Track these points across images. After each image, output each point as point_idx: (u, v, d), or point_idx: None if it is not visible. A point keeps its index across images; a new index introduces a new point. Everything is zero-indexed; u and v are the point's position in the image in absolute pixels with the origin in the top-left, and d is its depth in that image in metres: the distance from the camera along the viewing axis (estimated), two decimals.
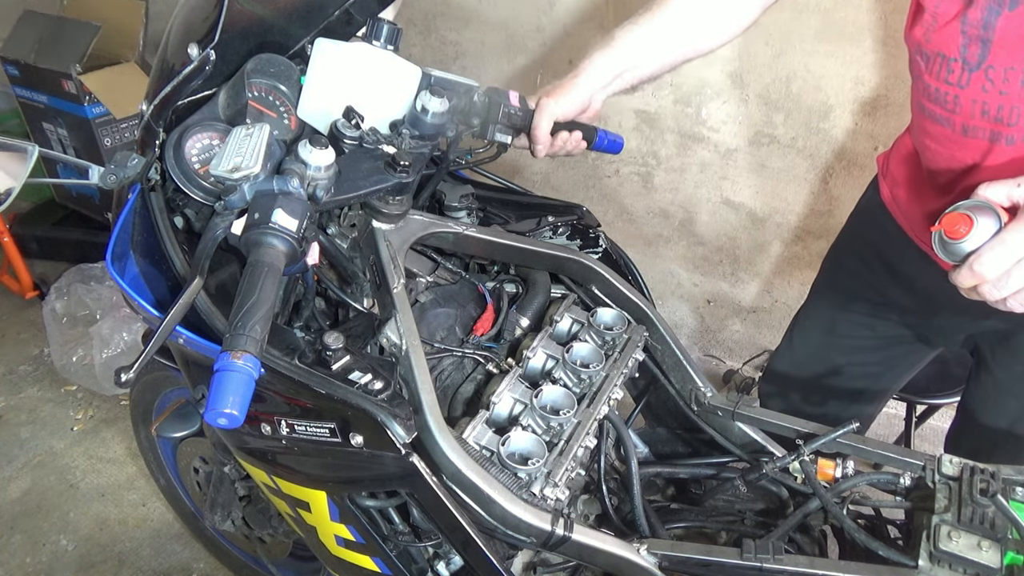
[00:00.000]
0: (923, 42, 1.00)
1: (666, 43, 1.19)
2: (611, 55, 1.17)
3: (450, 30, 2.52)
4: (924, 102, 1.03)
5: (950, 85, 0.97)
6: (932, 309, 1.22)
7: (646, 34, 1.17)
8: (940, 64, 0.98)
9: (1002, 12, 0.89)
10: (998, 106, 0.94)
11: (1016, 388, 1.21)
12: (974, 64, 0.94)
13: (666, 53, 1.20)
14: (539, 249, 1.13)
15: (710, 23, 1.20)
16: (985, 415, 1.26)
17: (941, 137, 1.04)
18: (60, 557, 1.93)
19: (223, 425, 0.68)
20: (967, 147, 1.00)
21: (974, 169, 1.02)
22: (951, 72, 0.97)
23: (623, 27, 1.18)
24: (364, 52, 1.02)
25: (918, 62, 1.03)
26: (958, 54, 0.95)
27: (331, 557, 1.07)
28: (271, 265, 0.77)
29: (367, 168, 0.96)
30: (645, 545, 0.90)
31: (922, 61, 1.01)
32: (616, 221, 2.52)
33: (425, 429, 0.85)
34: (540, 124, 1.14)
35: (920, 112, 1.06)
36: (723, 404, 1.13)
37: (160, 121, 0.96)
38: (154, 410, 1.59)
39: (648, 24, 1.17)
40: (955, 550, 0.84)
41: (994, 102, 0.94)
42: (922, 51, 1.00)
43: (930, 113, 1.03)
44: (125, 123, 2.72)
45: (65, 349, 2.33)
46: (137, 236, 1.00)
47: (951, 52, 0.95)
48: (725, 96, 2.12)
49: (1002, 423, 1.24)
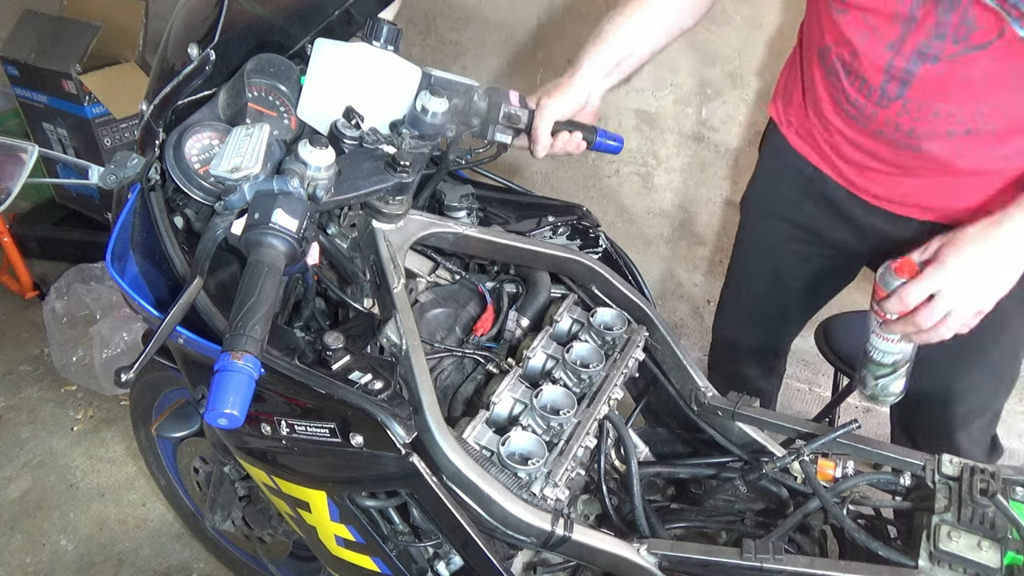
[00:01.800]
0: (848, 59, 1.11)
1: (656, 27, 1.22)
2: (605, 48, 1.19)
3: (450, 30, 2.52)
4: (839, 96, 1.16)
5: (868, 101, 1.11)
6: (863, 236, 1.32)
7: (635, 21, 1.20)
8: (861, 84, 1.11)
9: (923, 64, 1.02)
10: (910, 128, 1.09)
11: None
12: (892, 96, 1.08)
13: (657, 36, 1.23)
14: (539, 249, 1.13)
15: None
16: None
17: (850, 123, 1.18)
18: (60, 557, 1.93)
19: (223, 425, 0.68)
20: (876, 140, 1.16)
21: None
22: (871, 93, 1.10)
23: (611, 20, 1.21)
24: (364, 52, 1.02)
25: (837, 65, 1.13)
26: (879, 85, 1.08)
27: (331, 557, 1.07)
28: (271, 265, 0.77)
29: (367, 168, 0.96)
30: (645, 545, 0.90)
31: (842, 69, 1.13)
32: (616, 221, 2.52)
33: (425, 429, 0.85)
34: (540, 125, 1.15)
35: (830, 97, 1.19)
36: (723, 404, 1.13)
37: (160, 121, 0.96)
38: (154, 410, 1.59)
39: (636, 11, 1.20)
40: (955, 550, 0.84)
41: (906, 124, 1.09)
42: (844, 62, 1.12)
43: (844, 108, 1.16)
44: (125, 123, 2.72)
45: (65, 349, 2.33)
46: (137, 236, 1.00)
47: (873, 81, 1.08)
48: (725, 96, 2.11)
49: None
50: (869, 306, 1.08)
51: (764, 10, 1.92)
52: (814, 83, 1.22)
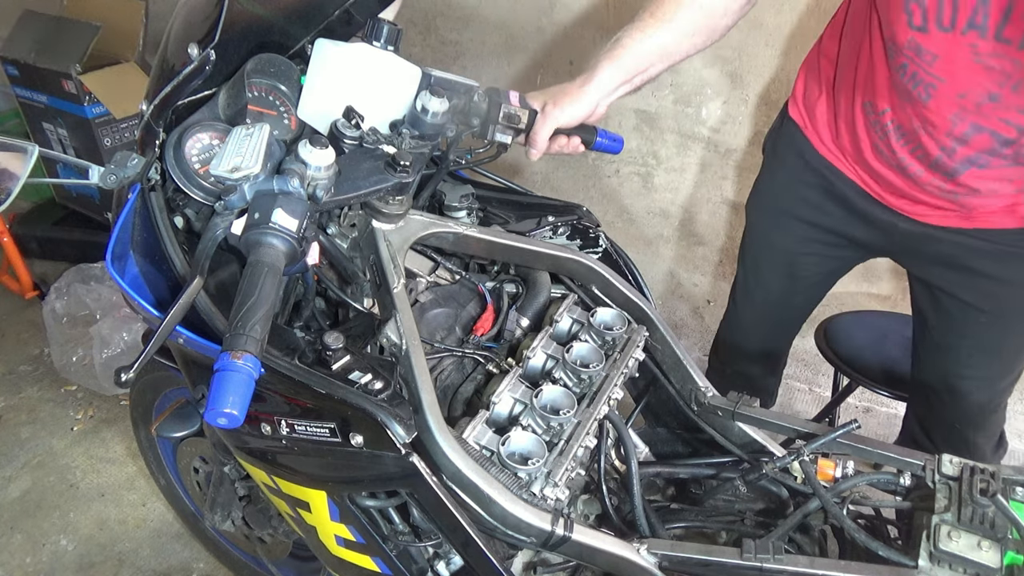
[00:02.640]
0: (907, 126, 1.13)
1: (673, 44, 1.19)
2: (620, 63, 1.15)
3: (450, 30, 2.52)
4: (884, 149, 1.19)
5: (920, 163, 1.15)
6: (884, 233, 1.32)
7: (652, 39, 1.16)
8: (915, 148, 1.14)
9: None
10: (952, 190, 1.15)
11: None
12: (948, 169, 1.12)
13: (673, 53, 1.20)
14: (539, 249, 1.13)
15: (710, 18, 1.20)
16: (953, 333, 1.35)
17: (892, 170, 1.20)
18: (60, 557, 1.93)
19: (223, 425, 0.68)
20: (915, 186, 1.19)
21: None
22: (926, 157, 1.13)
23: (628, 34, 1.16)
24: (364, 52, 1.02)
25: (889, 127, 1.16)
26: (935, 156, 1.12)
27: (331, 557, 1.07)
28: (271, 265, 0.77)
29: (367, 168, 0.96)
30: (645, 545, 0.90)
31: (894, 130, 1.16)
32: (616, 221, 2.52)
33: (425, 429, 0.85)
34: (541, 131, 1.14)
35: (871, 145, 1.21)
36: (723, 404, 1.13)
37: (160, 121, 0.96)
38: (154, 410, 1.59)
39: (653, 28, 1.16)
40: (955, 550, 0.84)
41: (951, 186, 1.15)
42: (900, 127, 1.15)
43: (886, 158, 1.20)
44: (125, 123, 2.72)
45: (65, 349, 2.33)
46: (137, 236, 1.00)
47: (932, 151, 1.12)
48: (725, 96, 2.12)
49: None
50: None
51: (764, 10, 1.92)
52: (854, 124, 1.22)
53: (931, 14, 0.99)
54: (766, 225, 1.49)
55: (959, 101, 1.04)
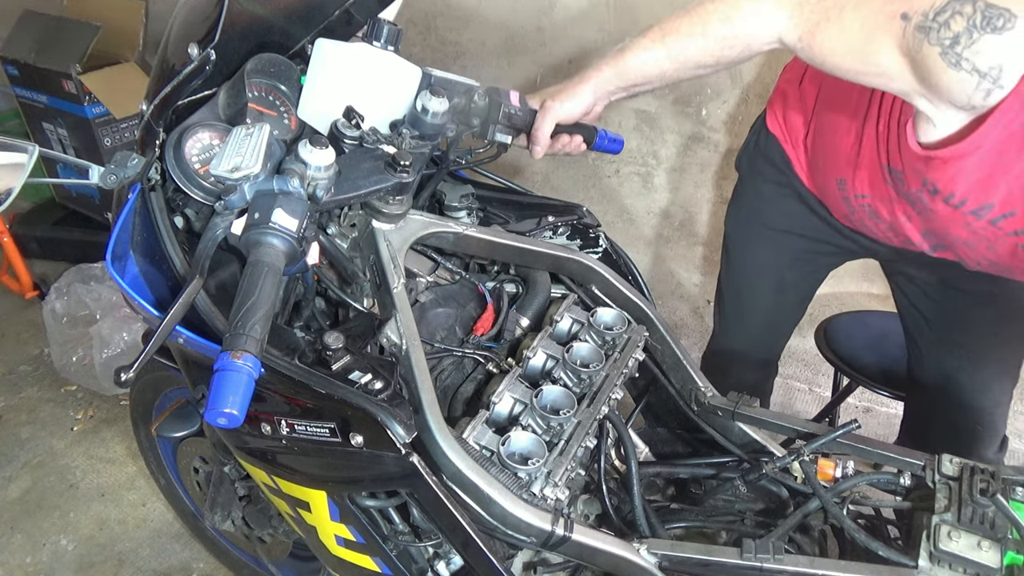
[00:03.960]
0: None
1: (676, 69, 1.15)
2: (621, 71, 1.14)
3: (450, 30, 2.52)
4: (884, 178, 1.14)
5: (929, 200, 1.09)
6: (872, 245, 1.32)
7: (658, 61, 1.13)
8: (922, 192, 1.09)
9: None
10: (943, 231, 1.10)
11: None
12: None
13: (675, 76, 1.17)
14: (539, 249, 1.13)
15: (718, 51, 1.14)
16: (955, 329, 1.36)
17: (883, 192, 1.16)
18: (60, 557, 1.93)
19: (223, 425, 0.68)
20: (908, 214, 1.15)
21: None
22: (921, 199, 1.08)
23: (634, 49, 1.13)
24: (364, 52, 1.02)
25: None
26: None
27: (331, 557, 1.07)
28: (271, 265, 0.77)
29: (367, 168, 0.96)
30: (645, 545, 0.90)
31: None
32: (616, 221, 2.52)
33: (425, 429, 0.85)
34: (542, 126, 1.14)
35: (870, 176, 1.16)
36: (723, 404, 1.13)
37: (160, 121, 0.96)
38: (154, 410, 1.59)
39: (661, 52, 1.12)
40: (955, 550, 0.84)
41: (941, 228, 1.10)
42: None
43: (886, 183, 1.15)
44: (125, 123, 2.72)
45: (65, 349, 2.33)
46: (137, 236, 1.00)
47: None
48: (725, 96, 2.12)
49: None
50: None
51: None
52: (825, 190, 1.24)
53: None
54: (751, 242, 1.48)
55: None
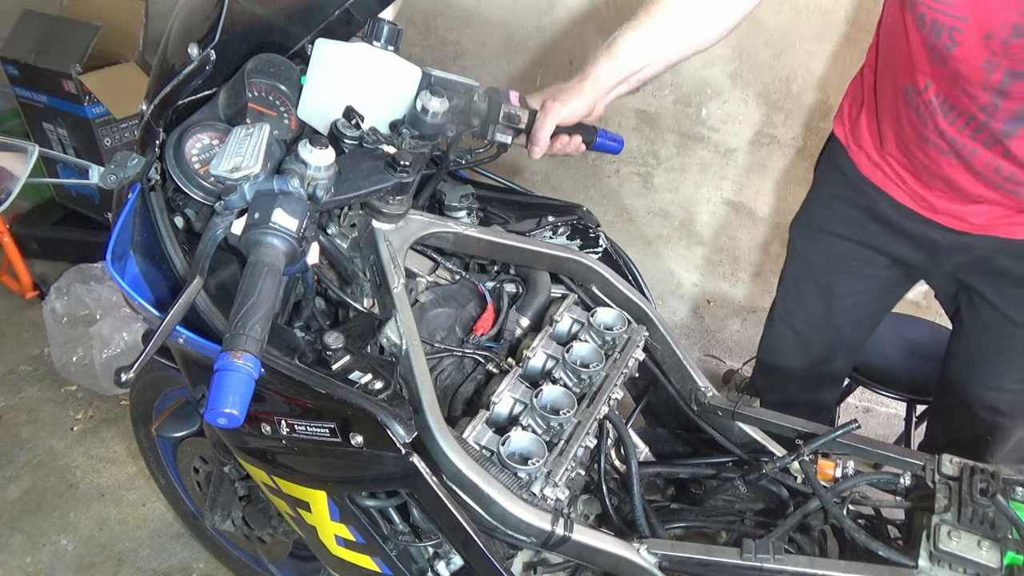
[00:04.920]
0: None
1: (670, 44, 1.18)
2: (617, 62, 1.15)
3: (450, 30, 2.52)
4: (929, 133, 1.13)
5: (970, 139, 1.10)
6: (931, 253, 1.30)
7: (650, 38, 1.15)
8: (957, 116, 1.08)
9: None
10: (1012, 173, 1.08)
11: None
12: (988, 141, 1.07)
13: (670, 54, 1.20)
14: (539, 249, 1.13)
15: (709, 19, 1.20)
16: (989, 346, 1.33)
17: (941, 159, 1.15)
18: (60, 557, 1.93)
19: (223, 425, 0.68)
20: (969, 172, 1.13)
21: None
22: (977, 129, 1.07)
23: (625, 33, 1.16)
24: (364, 52, 1.02)
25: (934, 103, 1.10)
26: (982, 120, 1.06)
27: (331, 557, 1.07)
28: (271, 265, 0.77)
29: (367, 168, 0.96)
30: (645, 545, 0.90)
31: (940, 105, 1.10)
32: (616, 221, 2.52)
33: (425, 429, 0.85)
34: (543, 128, 1.14)
35: (916, 133, 1.16)
36: (723, 404, 1.13)
37: (160, 121, 0.96)
38: (154, 410, 1.59)
39: (650, 27, 1.15)
40: (955, 550, 0.84)
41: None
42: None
43: (934, 143, 1.13)
44: (125, 123, 2.72)
45: (65, 349, 2.33)
46: (137, 236, 1.00)
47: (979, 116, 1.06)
48: (725, 96, 2.12)
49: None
50: None
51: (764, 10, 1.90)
52: (899, 120, 1.19)
53: None
54: (804, 243, 1.46)
55: (986, 44, 0.98)
